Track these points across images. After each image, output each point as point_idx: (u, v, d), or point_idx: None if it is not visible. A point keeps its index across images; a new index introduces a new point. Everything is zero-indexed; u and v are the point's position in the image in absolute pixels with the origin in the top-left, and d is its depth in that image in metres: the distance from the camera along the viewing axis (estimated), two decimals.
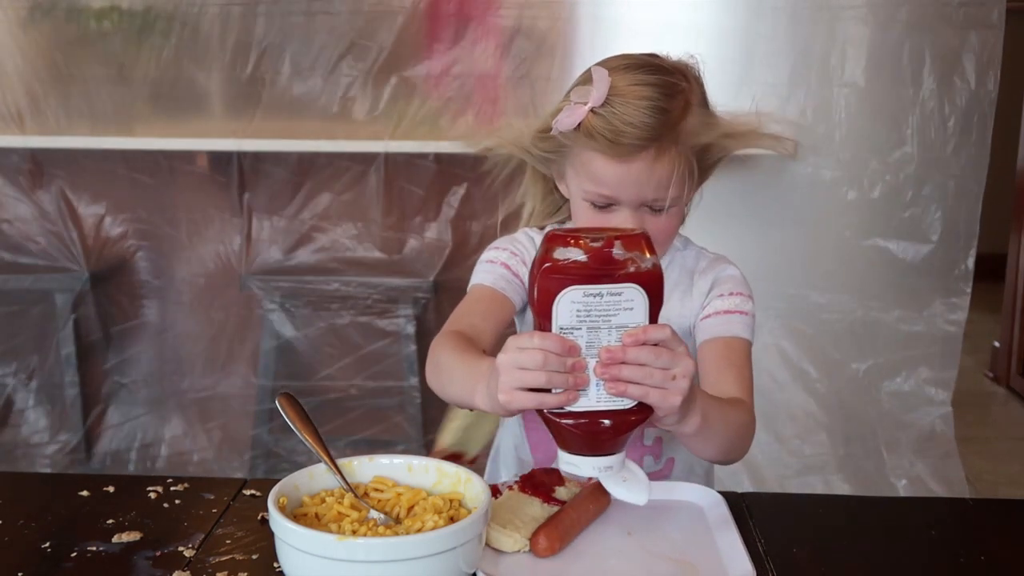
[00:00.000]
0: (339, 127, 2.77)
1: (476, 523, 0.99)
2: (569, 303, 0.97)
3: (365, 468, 1.11)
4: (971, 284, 2.68)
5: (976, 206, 2.63)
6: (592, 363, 0.98)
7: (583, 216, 1.32)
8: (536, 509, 1.15)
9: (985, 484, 2.96)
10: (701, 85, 1.34)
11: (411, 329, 2.84)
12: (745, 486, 2.58)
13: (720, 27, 2.69)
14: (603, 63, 1.29)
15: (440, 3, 2.69)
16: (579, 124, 1.25)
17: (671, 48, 1.37)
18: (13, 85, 2.77)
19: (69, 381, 2.92)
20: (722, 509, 1.18)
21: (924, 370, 2.71)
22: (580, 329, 0.98)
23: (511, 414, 1.18)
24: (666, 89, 1.26)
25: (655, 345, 0.99)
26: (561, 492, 1.20)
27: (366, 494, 1.09)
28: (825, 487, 2.67)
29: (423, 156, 2.80)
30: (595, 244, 0.98)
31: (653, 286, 0.99)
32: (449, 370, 1.22)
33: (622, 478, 1.04)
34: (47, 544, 1.11)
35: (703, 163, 1.32)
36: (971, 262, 2.66)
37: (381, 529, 1.02)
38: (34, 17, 2.76)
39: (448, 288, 2.84)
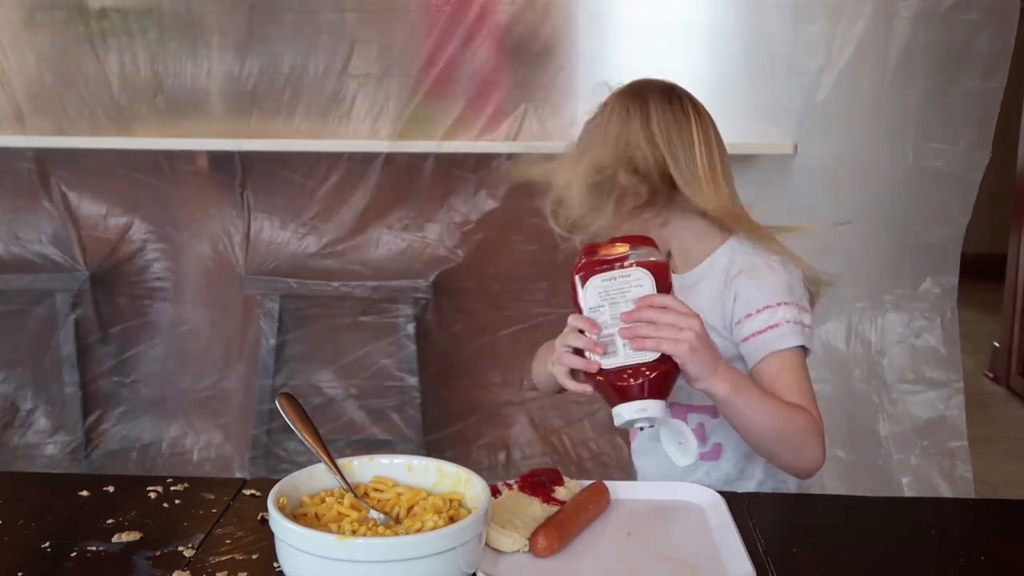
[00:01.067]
0: (339, 127, 2.77)
1: (476, 523, 0.99)
2: (592, 288, 1.25)
3: (365, 468, 1.11)
4: (957, 276, 2.67)
5: (970, 200, 2.62)
6: (616, 330, 1.22)
7: None
8: (536, 509, 1.15)
9: (985, 484, 2.96)
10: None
11: (411, 329, 2.84)
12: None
13: (720, 26, 2.69)
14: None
15: (441, 3, 2.69)
16: None
17: (671, 48, 1.38)
18: (13, 85, 2.77)
19: (69, 381, 2.92)
20: (722, 509, 1.18)
21: (926, 363, 2.70)
22: (603, 306, 1.24)
23: (564, 384, 1.30)
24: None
25: (665, 308, 1.21)
26: (561, 492, 1.20)
27: (366, 494, 1.09)
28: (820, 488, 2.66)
29: (423, 156, 2.80)
30: (602, 244, 1.28)
31: (658, 270, 1.24)
32: (536, 363, 1.50)
33: (678, 440, 1.27)
34: (47, 544, 1.11)
35: None
36: (957, 256, 2.65)
37: (381, 529, 1.02)
38: (34, 17, 2.76)
39: (448, 288, 2.84)
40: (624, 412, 1.21)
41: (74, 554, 1.09)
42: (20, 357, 2.95)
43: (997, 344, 3.92)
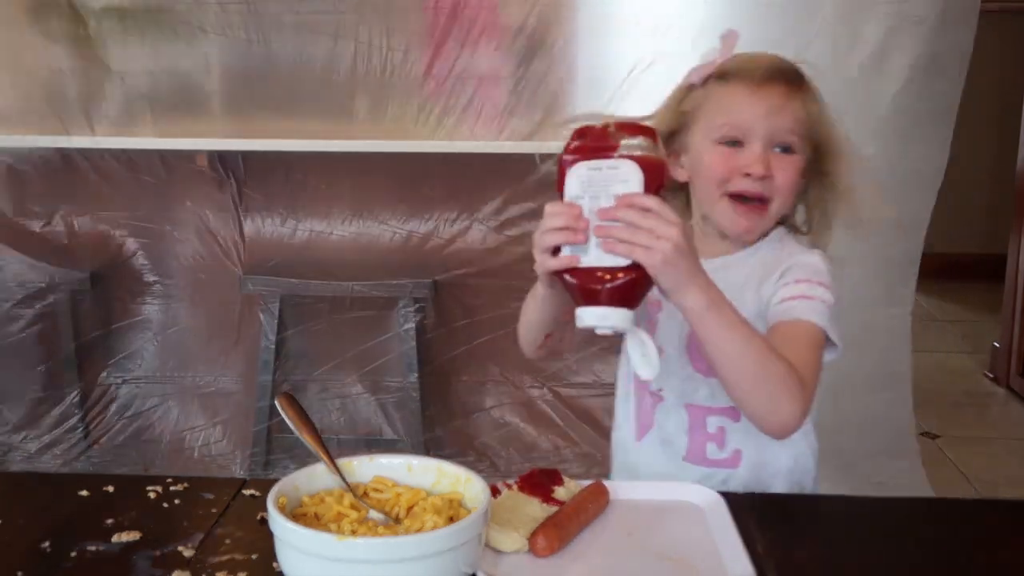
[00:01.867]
0: (339, 127, 2.78)
1: (476, 523, 0.99)
2: (575, 176, 1.14)
3: (365, 468, 1.11)
4: (915, 279, 2.67)
5: (930, 200, 2.62)
6: (591, 226, 1.12)
7: (711, 163, 1.38)
8: (535, 509, 1.15)
9: (985, 484, 2.96)
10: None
11: (411, 328, 2.84)
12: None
13: (720, 26, 2.68)
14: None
15: (441, 3, 2.69)
16: (709, 77, 1.39)
17: (670, 48, 1.39)
18: (13, 85, 2.77)
19: (69, 380, 2.92)
20: (722, 509, 1.18)
21: (877, 364, 2.70)
22: (584, 197, 1.13)
23: (548, 283, 1.24)
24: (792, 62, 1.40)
25: (646, 211, 1.11)
26: (560, 492, 1.20)
27: (366, 494, 1.09)
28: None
29: (423, 156, 2.80)
30: (597, 128, 1.15)
31: (650, 167, 1.12)
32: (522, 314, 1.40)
33: (641, 352, 1.16)
34: (47, 544, 1.11)
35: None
36: (917, 257, 2.65)
37: (381, 529, 1.02)
38: (34, 17, 2.76)
39: (448, 287, 2.84)
40: (586, 316, 1.13)
41: (74, 554, 1.09)
42: (20, 357, 2.95)
43: (997, 344, 3.92)
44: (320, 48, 2.72)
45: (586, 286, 1.13)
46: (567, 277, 1.14)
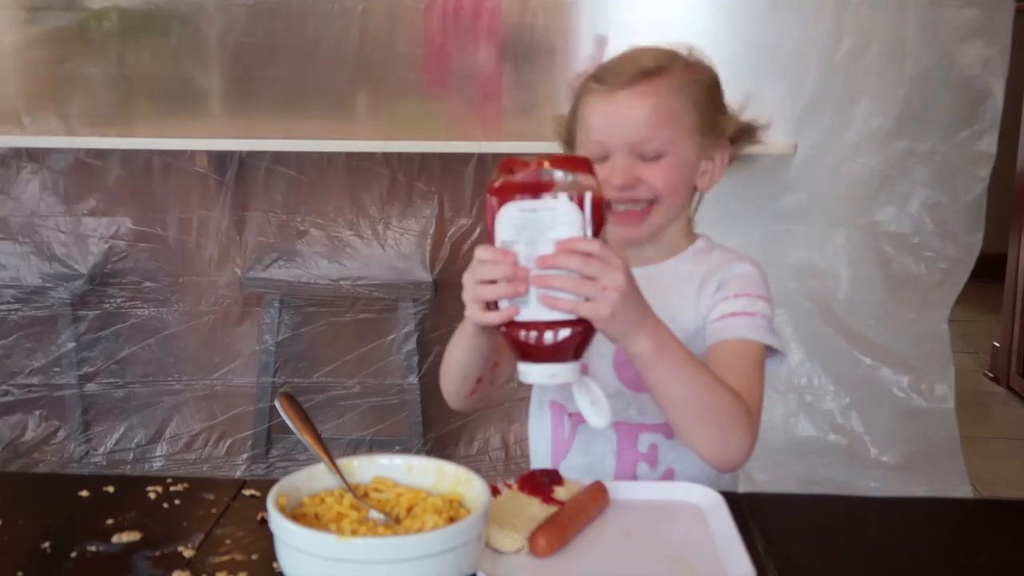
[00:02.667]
0: (339, 127, 2.78)
1: (476, 523, 0.99)
2: (507, 218, 1.04)
3: (365, 468, 1.11)
4: (964, 281, 2.68)
5: (981, 201, 2.63)
6: (532, 276, 1.04)
7: None
8: (535, 509, 1.15)
9: (985, 484, 2.96)
10: (713, 75, 1.37)
11: (411, 328, 2.84)
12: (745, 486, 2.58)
13: (719, 26, 2.69)
14: None
15: (441, 3, 2.69)
16: (582, 88, 1.34)
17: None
18: (13, 85, 2.77)
19: (69, 381, 2.92)
20: (722, 509, 1.18)
21: (920, 368, 2.71)
22: (519, 242, 1.04)
23: (482, 332, 1.18)
24: (659, 48, 1.33)
25: (589, 256, 1.03)
26: (560, 492, 1.19)
27: (366, 494, 1.08)
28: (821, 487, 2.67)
29: (423, 155, 2.80)
30: (529, 164, 1.04)
31: (590, 205, 1.04)
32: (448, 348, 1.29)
33: (590, 400, 1.09)
34: (47, 544, 1.11)
35: (712, 140, 1.34)
36: (972, 260, 2.65)
37: (381, 529, 1.02)
38: (34, 17, 2.76)
39: (448, 287, 2.84)
40: (531, 374, 1.07)
41: (74, 554, 1.09)
42: (20, 357, 2.94)
43: (997, 344, 3.92)
44: (320, 48, 2.72)
45: (528, 343, 1.05)
46: (505, 330, 1.07)
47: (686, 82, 1.32)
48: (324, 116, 2.78)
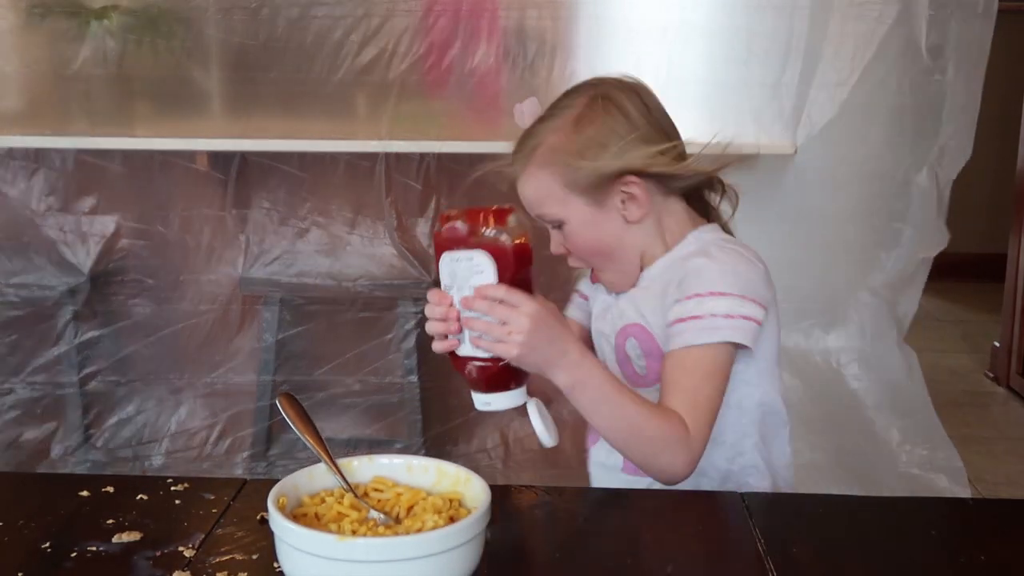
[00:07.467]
0: (339, 127, 2.77)
1: (476, 523, 0.99)
2: (444, 265, 1.19)
3: (365, 468, 1.11)
4: (924, 281, 2.68)
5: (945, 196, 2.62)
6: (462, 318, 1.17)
7: None
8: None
9: (985, 484, 2.96)
10: (595, 122, 1.34)
11: (412, 327, 2.84)
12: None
13: (720, 26, 2.69)
14: None
15: (441, 3, 2.69)
16: None
17: (670, 47, 1.37)
18: (13, 85, 2.77)
19: (69, 381, 2.92)
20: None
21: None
22: (452, 288, 1.18)
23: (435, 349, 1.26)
24: (547, 112, 1.40)
25: (498, 302, 1.14)
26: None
27: (366, 494, 1.09)
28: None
29: (424, 156, 2.80)
30: (450, 218, 1.18)
31: (501, 255, 1.15)
32: None
33: (541, 421, 1.20)
34: (47, 544, 1.11)
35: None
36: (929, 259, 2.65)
37: (381, 529, 1.02)
38: (34, 17, 2.76)
39: None
40: (476, 401, 1.21)
41: (74, 554, 1.09)
42: (20, 357, 2.94)
43: (997, 344, 3.92)
44: (320, 48, 2.72)
45: (466, 374, 1.19)
46: (452, 362, 1.20)
47: (553, 149, 1.34)
48: (324, 116, 2.77)
